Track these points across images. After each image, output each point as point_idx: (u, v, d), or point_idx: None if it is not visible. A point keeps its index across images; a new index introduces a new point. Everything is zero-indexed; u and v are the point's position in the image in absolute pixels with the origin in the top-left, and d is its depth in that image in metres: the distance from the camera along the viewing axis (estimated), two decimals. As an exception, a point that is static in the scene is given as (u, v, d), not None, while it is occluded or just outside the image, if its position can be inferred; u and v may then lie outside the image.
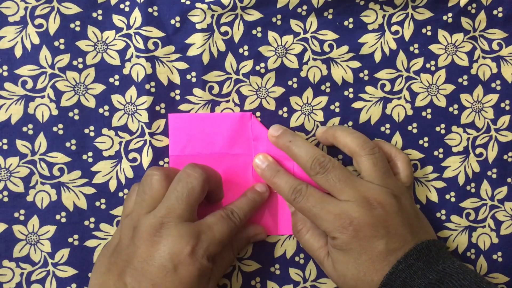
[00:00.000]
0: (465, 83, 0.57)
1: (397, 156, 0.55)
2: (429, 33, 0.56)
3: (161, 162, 0.55)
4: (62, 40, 0.54)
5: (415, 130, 0.57)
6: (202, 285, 0.47)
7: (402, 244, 0.48)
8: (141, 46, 0.54)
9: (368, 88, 0.56)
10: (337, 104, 0.56)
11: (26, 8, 0.53)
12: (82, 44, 0.54)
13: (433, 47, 0.57)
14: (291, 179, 0.52)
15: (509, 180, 0.57)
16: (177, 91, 0.55)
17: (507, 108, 0.57)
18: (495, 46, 0.57)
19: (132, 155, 0.54)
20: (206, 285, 0.48)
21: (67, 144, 0.54)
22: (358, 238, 0.48)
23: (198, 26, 0.54)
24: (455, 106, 0.57)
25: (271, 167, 0.54)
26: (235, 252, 0.53)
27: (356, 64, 0.56)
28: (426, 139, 0.57)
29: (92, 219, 0.54)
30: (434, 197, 0.57)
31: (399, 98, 0.56)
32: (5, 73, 0.53)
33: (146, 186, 0.49)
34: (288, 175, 0.53)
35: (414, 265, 0.47)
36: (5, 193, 0.53)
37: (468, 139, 0.57)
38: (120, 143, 0.54)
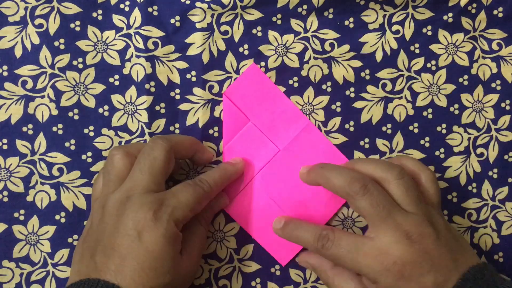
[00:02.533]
0: (466, 83, 0.57)
1: (421, 174, 0.51)
2: (429, 33, 0.56)
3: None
4: (62, 40, 0.54)
5: (416, 130, 0.56)
6: (171, 256, 0.45)
7: (448, 275, 0.45)
8: (141, 45, 0.54)
9: (370, 88, 0.56)
10: (338, 103, 0.56)
11: (26, 8, 0.53)
12: (82, 44, 0.54)
13: (434, 47, 0.57)
14: (312, 226, 0.50)
15: (510, 180, 0.57)
16: (177, 91, 0.55)
17: (508, 108, 0.57)
18: (495, 46, 0.57)
19: (132, 155, 0.54)
20: (176, 256, 0.46)
21: (67, 144, 0.54)
22: (404, 279, 0.44)
23: (198, 26, 0.54)
24: (456, 106, 0.57)
25: (288, 223, 0.52)
26: (204, 225, 0.52)
27: (357, 63, 0.56)
28: (427, 139, 0.57)
29: (92, 219, 0.54)
30: (435, 197, 0.57)
31: (400, 98, 0.56)
32: (5, 73, 0.53)
33: (109, 167, 0.49)
34: (309, 224, 0.51)
35: None
36: (5, 193, 0.53)
37: (469, 139, 0.57)
38: (120, 143, 0.54)
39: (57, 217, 0.54)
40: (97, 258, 0.44)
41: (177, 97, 0.55)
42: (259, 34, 0.55)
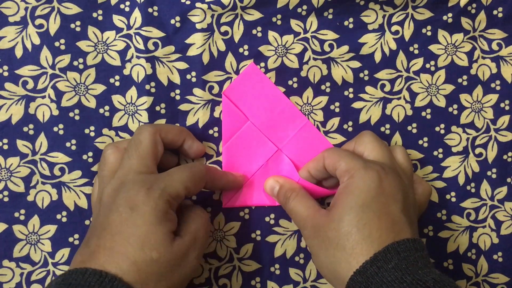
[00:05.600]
0: (465, 83, 0.57)
1: (393, 150, 0.54)
2: (429, 33, 0.56)
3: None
4: (62, 41, 0.54)
5: (414, 130, 0.57)
6: (160, 233, 0.44)
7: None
8: (141, 46, 0.54)
9: (368, 88, 0.56)
10: (337, 104, 0.56)
11: (26, 8, 0.53)
12: (82, 44, 0.54)
13: (433, 47, 0.57)
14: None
15: (508, 180, 0.58)
16: (177, 91, 0.55)
17: (507, 108, 0.57)
18: (494, 46, 0.57)
19: (132, 155, 0.55)
20: (166, 235, 0.45)
21: (68, 144, 0.54)
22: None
23: (198, 26, 0.54)
24: (455, 106, 0.57)
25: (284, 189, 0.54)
26: (202, 209, 0.51)
27: (356, 64, 0.56)
28: (425, 139, 0.57)
29: (93, 219, 0.54)
30: (434, 197, 0.57)
31: (399, 98, 0.56)
32: (6, 73, 0.53)
33: (102, 164, 0.50)
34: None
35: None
36: (6, 193, 0.54)
37: (467, 139, 0.57)
38: (121, 143, 0.55)
39: (58, 216, 0.54)
40: (90, 242, 0.44)
41: (177, 97, 0.55)
42: (259, 34, 0.55)
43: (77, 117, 0.54)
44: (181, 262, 0.46)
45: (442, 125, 0.57)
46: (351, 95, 0.56)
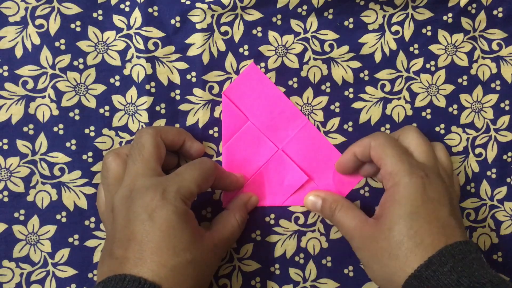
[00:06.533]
0: (465, 83, 0.57)
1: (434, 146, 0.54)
2: (429, 33, 0.56)
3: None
4: (62, 41, 0.54)
5: (415, 130, 0.57)
6: (187, 233, 0.45)
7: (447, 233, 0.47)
8: (141, 46, 0.54)
9: (368, 88, 0.56)
10: (337, 104, 0.56)
11: (26, 9, 0.53)
12: (82, 44, 0.54)
13: (433, 47, 0.57)
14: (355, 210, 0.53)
15: (508, 180, 0.58)
16: (177, 91, 0.55)
17: (507, 108, 0.57)
18: (494, 46, 0.57)
19: (132, 155, 0.54)
20: (194, 234, 0.46)
21: (68, 144, 0.54)
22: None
23: (198, 26, 0.54)
24: (455, 106, 0.57)
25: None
26: (238, 217, 0.52)
27: (356, 64, 0.56)
28: (426, 139, 0.57)
29: (93, 219, 0.54)
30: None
31: (399, 99, 0.56)
32: (6, 73, 0.53)
33: (104, 172, 0.49)
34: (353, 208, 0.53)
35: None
36: (5, 193, 0.53)
37: (467, 139, 0.57)
38: (121, 143, 0.54)
39: (58, 216, 0.54)
40: (116, 254, 0.44)
41: (177, 97, 0.55)
42: (259, 34, 0.55)
43: (77, 117, 0.54)
44: (210, 258, 0.47)
45: (442, 125, 0.57)
46: (351, 95, 0.56)
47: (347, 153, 0.54)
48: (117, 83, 0.54)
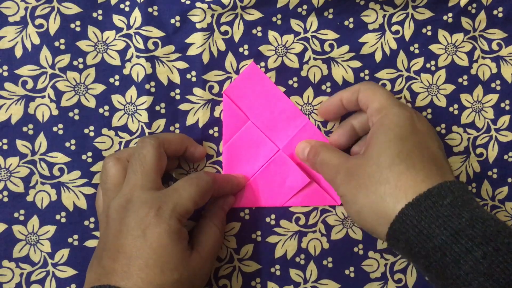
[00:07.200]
0: (465, 83, 0.57)
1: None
2: (429, 33, 0.56)
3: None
4: (62, 40, 0.54)
5: (415, 130, 0.57)
6: (177, 252, 0.45)
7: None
8: (141, 46, 0.54)
9: (369, 88, 0.56)
10: (337, 103, 0.56)
11: (26, 8, 0.53)
12: (82, 44, 0.54)
13: (433, 47, 0.57)
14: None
15: (509, 180, 0.57)
16: (177, 91, 0.55)
17: (507, 108, 0.57)
18: (494, 46, 0.57)
19: (132, 155, 0.54)
20: (183, 253, 0.45)
21: (67, 144, 0.54)
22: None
23: (198, 26, 0.54)
24: (455, 106, 0.57)
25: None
26: (218, 224, 0.52)
27: (356, 63, 0.56)
28: (426, 139, 0.57)
29: (92, 219, 0.54)
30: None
31: (400, 98, 0.56)
32: (5, 73, 0.53)
33: (103, 176, 0.49)
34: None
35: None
36: (5, 193, 0.53)
37: (468, 139, 0.57)
38: (120, 143, 0.54)
39: (57, 217, 0.54)
40: (104, 262, 0.44)
41: (177, 97, 0.55)
42: (259, 34, 0.55)
43: (76, 117, 0.54)
44: (199, 275, 0.47)
45: (443, 125, 0.57)
46: (351, 95, 0.56)
47: (333, 97, 0.53)
48: (117, 83, 0.54)
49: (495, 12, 0.57)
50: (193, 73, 0.55)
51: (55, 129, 0.54)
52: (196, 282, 0.47)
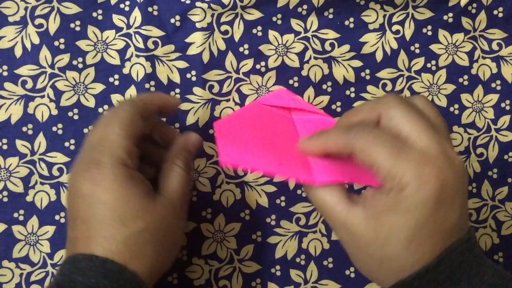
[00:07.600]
0: (466, 83, 0.57)
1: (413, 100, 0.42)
2: (429, 33, 0.56)
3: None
4: (62, 40, 0.54)
5: (416, 130, 0.56)
6: (134, 199, 0.41)
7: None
8: (141, 45, 0.54)
9: (370, 88, 0.56)
10: (338, 103, 0.56)
11: (26, 8, 0.53)
12: (82, 44, 0.54)
13: (434, 47, 0.57)
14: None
15: (509, 180, 0.57)
16: (177, 90, 0.55)
17: (508, 108, 0.57)
18: (495, 46, 0.57)
19: (132, 155, 0.54)
20: (142, 198, 0.42)
21: (67, 144, 0.54)
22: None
23: (198, 25, 0.54)
24: (456, 106, 0.57)
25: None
26: (181, 165, 0.46)
27: (357, 63, 0.56)
28: (427, 138, 0.57)
29: (92, 220, 0.54)
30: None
31: (400, 98, 0.56)
32: (5, 73, 0.53)
33: None
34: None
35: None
36: (5, 193, 0.53)
37: (469, 139, 0.57)
38: (120, 143, 0.54)
39: (57, 217, 0.54)
40: (69, 234, 0.42)
41: (177, 96, 0.55)
42: (259, 34, 0.55)
43: (76, 117, 0.54)
44: (171, 222, 0.43)
45: (444, 125, 0.57)
46: (352, 95, 0.56)
47: (312, 141, 0.44)
48: (116, 82, 0.54)
49: (495, 12, 0.57)
50: (193, 72, 0.55)
51: (54, 129, 0.54)
52: (169, 229, 0.43)
